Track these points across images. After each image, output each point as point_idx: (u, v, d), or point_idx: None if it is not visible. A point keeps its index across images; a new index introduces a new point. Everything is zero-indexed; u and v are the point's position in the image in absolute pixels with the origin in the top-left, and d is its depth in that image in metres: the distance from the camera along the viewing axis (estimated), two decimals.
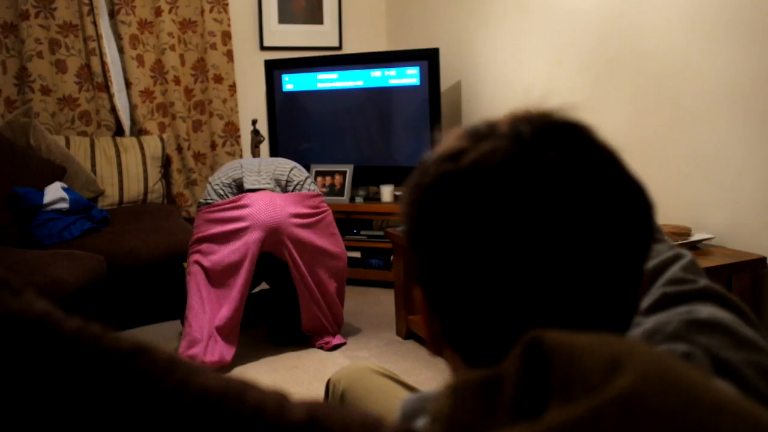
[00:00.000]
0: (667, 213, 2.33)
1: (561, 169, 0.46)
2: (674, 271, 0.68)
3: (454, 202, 0.47)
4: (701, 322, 0.59)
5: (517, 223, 0.45)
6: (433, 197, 0.48)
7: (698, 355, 0.54)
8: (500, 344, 0.43)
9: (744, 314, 0.62)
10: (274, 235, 2.50)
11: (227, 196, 2.61)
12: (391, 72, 3.53)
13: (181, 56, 3.76)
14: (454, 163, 0.48)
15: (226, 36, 3.80)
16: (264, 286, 2.99)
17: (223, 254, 2.49)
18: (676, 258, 0.70)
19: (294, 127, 3.76)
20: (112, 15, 3.59)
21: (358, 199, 3.53)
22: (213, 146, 3.88)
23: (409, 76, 3.49)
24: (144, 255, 2.84)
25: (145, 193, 3.51)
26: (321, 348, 2.65)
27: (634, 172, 0.49)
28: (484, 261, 0.46)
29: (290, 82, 3.73)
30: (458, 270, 0.47)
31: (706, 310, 0.61)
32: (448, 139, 0.51)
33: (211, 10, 3.75)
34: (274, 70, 3.73)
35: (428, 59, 3.40)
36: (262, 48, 3.98)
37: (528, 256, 0.45)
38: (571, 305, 0.46)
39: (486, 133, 0.49)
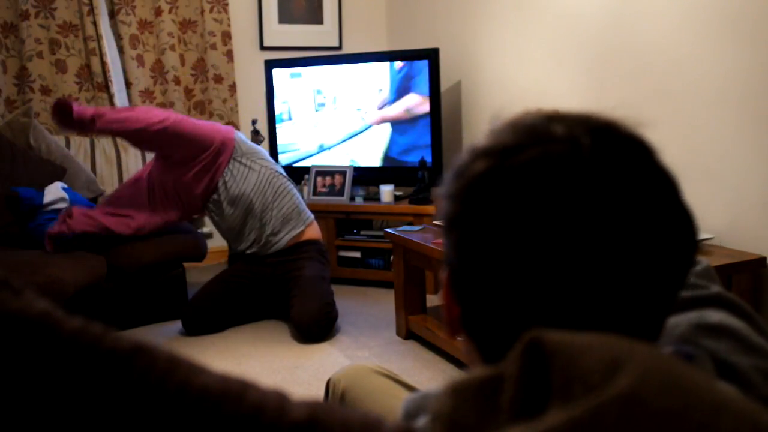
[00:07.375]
0: None
1: (614, 187, 0.47)
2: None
3: (506, 196, 0.48)
4: (710, 327, 0.59)
5: (564, 227, 0.46)
6: (485, 188, 0.49)
7: (701, 357, 0.54)
8: (515, 338, 0.43)
9: (755, 322, 0.62)
10: None
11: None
12: None
13: (181, 56, 3.75)
14: (509, 159, 0.49)
15: (226, 36, 3.80)
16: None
17: None
18: None
19: None
20: (112, 15, 3.58)
21: (358, 199, 3.52)
22: None
23: None
24: (144, 255, 2.84)
25: None
26: None
27: (688, 203, 0.50)
28: (525, 256, 0.47)
29: None
30: (498, 262, 0.48)
31: (716, 316, 0.61)
32: (500, 132, 0.51)
33: (211, 10, 3.75)
34: (274, 69, 3.73)
35: (428, 59, 3.40)
36: (262, 48, 3.98)
37: (567, 258, 0.46)
38: (597, 310, 0.47)
39: (543, 132, 0.50)
